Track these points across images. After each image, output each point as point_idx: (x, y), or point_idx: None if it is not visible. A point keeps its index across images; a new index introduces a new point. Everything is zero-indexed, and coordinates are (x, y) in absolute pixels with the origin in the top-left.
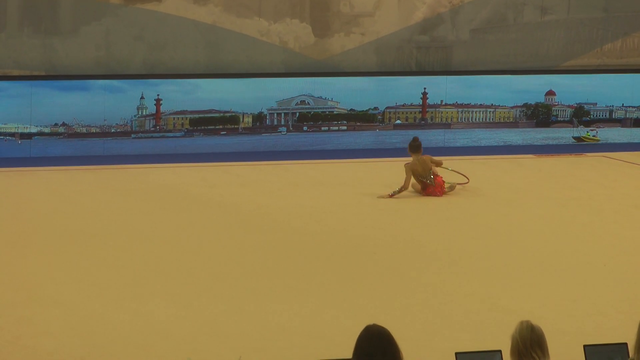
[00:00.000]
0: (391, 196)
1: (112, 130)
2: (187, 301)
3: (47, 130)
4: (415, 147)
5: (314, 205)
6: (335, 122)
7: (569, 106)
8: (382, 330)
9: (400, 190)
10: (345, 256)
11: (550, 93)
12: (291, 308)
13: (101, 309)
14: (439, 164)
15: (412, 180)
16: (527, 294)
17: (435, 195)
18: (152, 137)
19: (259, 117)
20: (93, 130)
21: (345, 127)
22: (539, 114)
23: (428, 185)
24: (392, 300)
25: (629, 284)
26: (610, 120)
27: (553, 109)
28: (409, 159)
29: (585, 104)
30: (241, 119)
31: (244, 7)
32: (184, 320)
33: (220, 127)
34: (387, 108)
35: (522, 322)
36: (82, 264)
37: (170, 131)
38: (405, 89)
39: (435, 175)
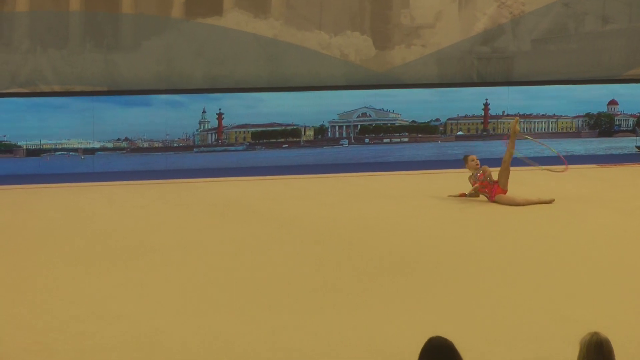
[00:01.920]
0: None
1: (175, 145)
2: (251, 315)
3: (109, 145)
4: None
5: (376, 217)
6: (397, 134)
7: (631, 115)
8: (445, 342)
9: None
10: (407, 268)
11: (612, 102)
12: (353, 321)
13: (164, 323)
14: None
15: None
16: (593, 304)
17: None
18: (214, 151)
19: (320, 130)
20: (155, 144)
21: (406, 139)
22: (602, 124)
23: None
24: (456, 312)
25: None
26: None
27: (615, 118)
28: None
29: None
30: (303, 132)
31: (304, 20)
32: (248, 335)
33: (282, 140)
34: (448, 119)
35: (591, 337)
36: (145, 279)
37: (232, 145)
38: (466, 100)
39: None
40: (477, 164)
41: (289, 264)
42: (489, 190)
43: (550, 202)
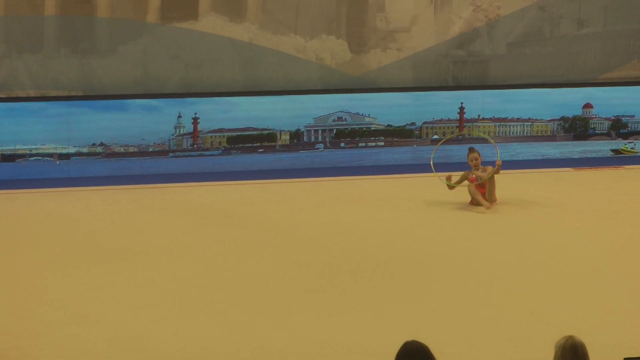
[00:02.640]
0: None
1: (150, 150)
2: (229, 319)
3: (85, 150)
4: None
5: (352, 221)
6: (373, 138)
7: (606, 119)
8: (421, 347)
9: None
10: (386, 271)
11: (587, 106)
12: (331, 324)
13: (143, 327)
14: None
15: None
16: (569, 307)
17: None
18: (189, 155)
19: (296, 134)
20: (131, 149)
21: (382, 143)
22: (577, 127)
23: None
24: (435, 315)
25: None
26: None
27: (591, 121)
28: (445, 174)
29: (623, 116)
30: (278, 136)
31: (280, 25)
32: (227, 338)
33: (258, 144)
34: (424, 123)
35: (566, 340)
36: (123, 283)
37: (207, 149)
38: (442, 104)
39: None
40: (475, 164)
41: (267, 268)
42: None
43: (488, 206)
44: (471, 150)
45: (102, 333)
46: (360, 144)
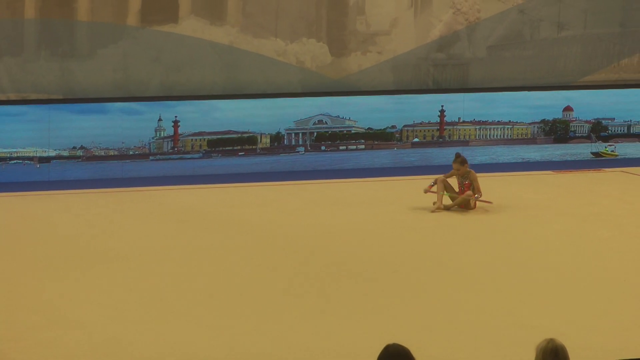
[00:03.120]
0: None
1: (131, 153)
2: (209, 322)
3: (65, 153)
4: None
5: (333, 224)
6: (353, 141)
7: (586, 122)
8: (402, 350)
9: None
10: (366, 274)
11: (567, 109)
12: (312, 327)
13: (123, 330)
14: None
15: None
16: (550, 309)
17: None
18: (170, 158)
19: (276, 137)
20: (111, 153)
21: (363, 146)
22: (557, 130)
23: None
24: (414, 318)
25: None
26: (629, 135)
27: (571, 124)
28: (428, 177)
29: (603, 119)
30: (259, 140)
31: (260, 28)
32: (207, 342)
33: (238, 147)
34: (404, 126)
35: (547, 343)
36: (103, 286)
37: (188, 152)
38: (422, 107)
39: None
40: (459, 174)
41: (247, 271)
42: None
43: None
44: (457, 157)
45: (82, 336)
46: (340, 147)
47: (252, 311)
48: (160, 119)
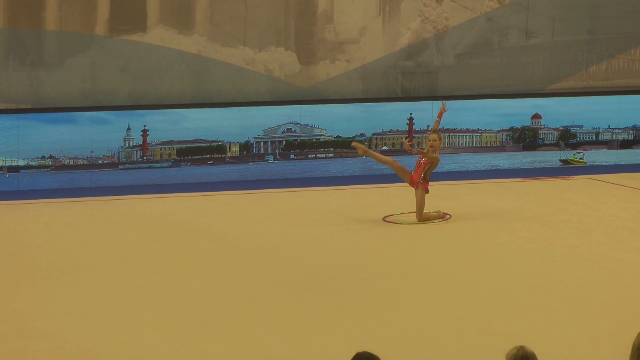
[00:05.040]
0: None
1: (100, 162)
2: (178, 331)
3: (34, 163)
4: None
5: (302, 232)
6: (322, 150)
7: (555, 129)
8: (371, 357)
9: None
10: (334, 283)
11: (536, 116)
12: (281, 336)
13: (92, 341)
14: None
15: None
16: (517, 317)
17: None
18: (139, 167)
19: (245, 146)
20: (80, 162)
21: (332, 154)
22: (526, 138)
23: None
24: (383, 327)
25: (619, 307)
26: (597, 142)
27: (539, 132)
28: (397, 185)
29: (572, 126)
30: (228, 148)
31: (229, 37)
32: (176, 351)
33: (207, 156)
34: (373, 134)
35: (517, 351)
36: (72, 296)
37: (157, 161)
38: (391, 115)
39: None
40: (431, 144)
41: (216, 280)
42: (418, 170)
43: (445, 217)
44: (434, 131)
45: (51, 346)
46: (309, 155)
47: (221, 320)
48: (129, 128)
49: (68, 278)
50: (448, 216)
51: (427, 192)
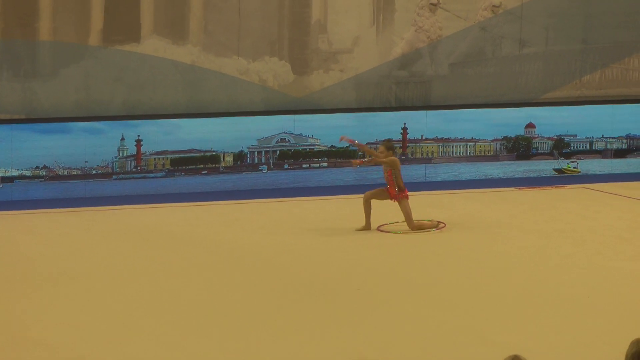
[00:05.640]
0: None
1: (94, 172)
2: (173, 340)
3: (28, 173)
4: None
5: (296, 242)
6: (316, 159)
7: (549, 138)
8: None
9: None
10: (329, 293)
11: (530, 126)
12: (275, 345)
13: (87, 350)
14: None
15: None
16: (512, 326)
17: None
18: (133, 178)
19: (239, 156)
20: (74, 172)
21: (326, 164)
22: (519, 147)
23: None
24: (378, 336)
25: (613, 315)
26: (591, 151)
27: (533, 141)
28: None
29: (565, 135)
30: (222, 158)
31: (222, 47)
32: None
33: (201, 166)
34: (367, 144)
35: (512, 359)
36: (67, 306)
37: (151, 172)
38: (385, 125)
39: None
40: (380, 150)
41: (211, 290)
42: (389, 182)
43: (439, 226)
44: (387, 141)
45: (46, 356)
46: (303, 165)
47: (215, 330)
48: (123, 138)
49: (62, 288)
50: (442, 225)
51: (407, 198)
